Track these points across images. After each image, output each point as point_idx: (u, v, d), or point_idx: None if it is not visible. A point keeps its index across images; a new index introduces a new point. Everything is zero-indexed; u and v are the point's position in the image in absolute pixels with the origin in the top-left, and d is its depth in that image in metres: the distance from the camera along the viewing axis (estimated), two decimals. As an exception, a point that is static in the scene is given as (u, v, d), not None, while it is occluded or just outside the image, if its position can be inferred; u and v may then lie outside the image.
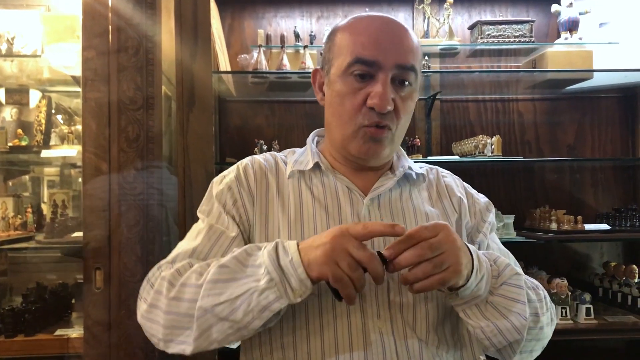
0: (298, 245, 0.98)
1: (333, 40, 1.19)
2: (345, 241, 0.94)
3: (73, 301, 2.36)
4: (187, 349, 1.03)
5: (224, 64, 2.59)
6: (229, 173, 1.25)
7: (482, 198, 1.33)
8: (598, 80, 2.71)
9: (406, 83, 1.13)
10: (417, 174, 1.25)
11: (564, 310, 2.36)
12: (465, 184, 1.34)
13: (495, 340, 1.04)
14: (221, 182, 1.23)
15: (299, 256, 0.96)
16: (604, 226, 2.53)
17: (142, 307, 1.09)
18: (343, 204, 1.17)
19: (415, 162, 1.33)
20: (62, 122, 2.61)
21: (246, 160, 1.27)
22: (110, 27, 1.93)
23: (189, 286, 1.02)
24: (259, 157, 1.28)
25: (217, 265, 1.02)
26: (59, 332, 2.21)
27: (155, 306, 1.05)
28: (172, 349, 1.05)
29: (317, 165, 1.22)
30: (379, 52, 1.10)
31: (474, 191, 1.34)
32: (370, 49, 1.10)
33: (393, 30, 1.13)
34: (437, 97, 2.78)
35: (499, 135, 2.61)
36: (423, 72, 2.65)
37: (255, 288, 0.96)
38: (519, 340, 1.04)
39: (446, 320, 1.12)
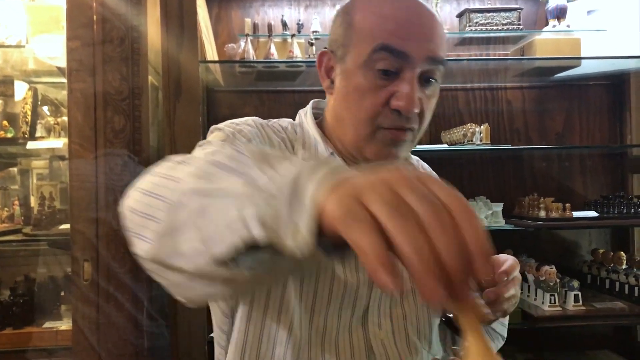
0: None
1: (350, 21, 1.01)
2: None
3: (62, 293, 2.35)
4: (144, 247, 0.66)
5: (211, 53, 2.57)
6: (242, 124, 1.00)
7: None
8: (586, 67, 2.71)
9: (432, 80, 1.00)
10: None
11: (552, 298, 2.37)
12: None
13: None
14: (234, 128, 0.98)
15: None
16: (592, 213, 2.55)
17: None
18: None
19: None
20: (48, 113, 2.59)
21: (258, 119, 1.05)
22: (95, 17, 1.91)
23: (190, 164, 0.69)
24: (272, 122, 1.09)
25: (235, 149, 0.69)
26: (47, 324, 2.20)
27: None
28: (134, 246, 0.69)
29: (332, 155, 1.06)
30: (409, 41, 0.95)
31: None
32: (399, 36, 0.95)
33: (423, 15, 0.98)
34: (425, 85, 2.77)
35: (487, 124, 2.61)
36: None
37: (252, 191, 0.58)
38: None
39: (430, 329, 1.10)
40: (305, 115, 1.13)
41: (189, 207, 0.62)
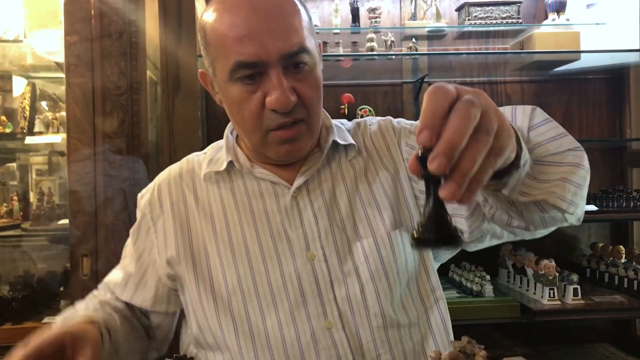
0: None
1: (205, 40, 1.01)
2: None
3: (61, 288, 2.35)
4: None
5: (210, 48, 2.56)
6: (146, 193, 1.16)
7: (398, 124, 1.17)
8: (585, 61, 2.71)
9: (301, 65, 0.97)
10: (344, 145, 1.12)
11: (551, 291, 2.37)
12: (398, 120, 1.19)
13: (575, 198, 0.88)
14: (139, 208, 1.16)
15: None
16: (592, 207, 2.54)
17: None
18: (268, 201, 1.06)
19: (342, 121, 1.20)
20: (46, 108, 2.58)
21: (162, 175, 1.17)
22: (93, 11, 1.90)
23: None
24: (175, 168, 1.17)
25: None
26: (46, 319, 2.20)
27: None
28: None
29: (232, 164, 1.09)
30: (258, 47, 0.93)
31: (404, 123, 1.18)
32: (247, 46, 0.93)
33: (266, 11, 0.94)
34: (425, 80, 2.77)
35: (486, 118, 2.60)
36: (411, 54, 2.64)
37: None
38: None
39: (395, 297, 1.05)
40: (226, 130, 1.15)
41: None
